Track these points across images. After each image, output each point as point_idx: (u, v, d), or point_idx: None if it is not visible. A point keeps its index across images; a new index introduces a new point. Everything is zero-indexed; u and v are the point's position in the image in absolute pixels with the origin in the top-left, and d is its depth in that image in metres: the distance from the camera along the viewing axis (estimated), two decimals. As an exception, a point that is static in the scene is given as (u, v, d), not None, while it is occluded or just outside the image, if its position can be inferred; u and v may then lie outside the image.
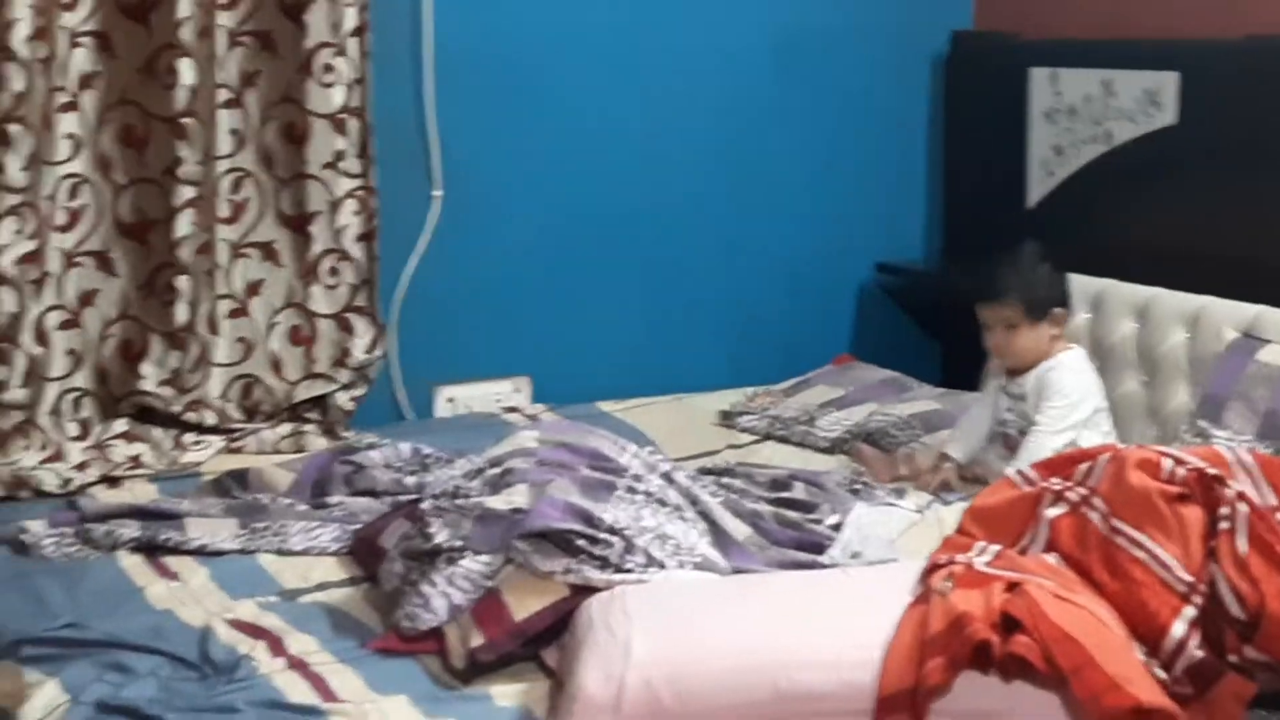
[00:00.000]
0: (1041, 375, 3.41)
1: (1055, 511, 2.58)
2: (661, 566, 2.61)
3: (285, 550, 3.03)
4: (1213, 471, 2.49)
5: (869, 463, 3.59)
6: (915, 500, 3.32)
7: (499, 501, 2.72)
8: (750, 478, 3.35)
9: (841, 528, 3.05)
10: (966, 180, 4.63)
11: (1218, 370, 3.49)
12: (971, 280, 3.53)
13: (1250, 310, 3.56)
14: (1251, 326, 3.52)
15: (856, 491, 3.32)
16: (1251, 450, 2.62)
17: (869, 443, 3.73)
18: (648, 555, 2.61)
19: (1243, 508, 2.42)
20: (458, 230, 4.06)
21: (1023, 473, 2.78)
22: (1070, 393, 3.38)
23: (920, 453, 3.61)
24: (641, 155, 4.30)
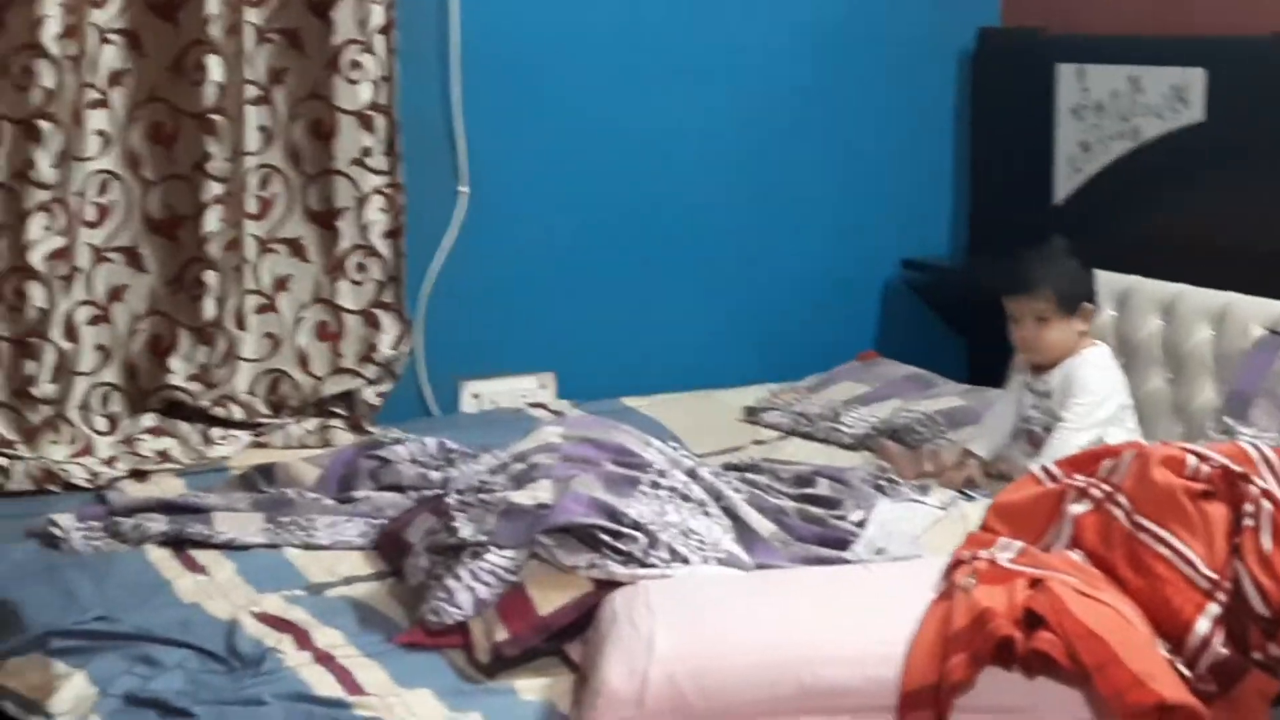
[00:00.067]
0: (1068, 372, 3.39)
1: (1079, 508, 2.57)
2: (685, 562, 2.62)
3: (312, 544, 3.04)
4: (1237, 468, 2.47)
5: (893, 459, 3.58)
6: (940, 496, 3.30)
7: (523, 496, 2.73)
8: (775, 474, 3.35)
9: (866, 524, 3.05)
10: (993, 177, 4.62)
11: (1244, 367, 3.48)
12: (1002, 273, 3.50)
13: (1277, 307, 3.54)
14: (1278, 323, 3.51)
15: (881, 488, 3.31)
16: (1276, 447, 2.60)
17: (894, 439, 3.73)
18: (671, 550, 2.61)
19: (1267, 505, 2.41)
20: (483, 226, 4.07)
21: (1047, 469, 2.77)
22: (1096, 389, 3.37)
23: (945, 449, 3.61)
24: (667, 151, 4.30)
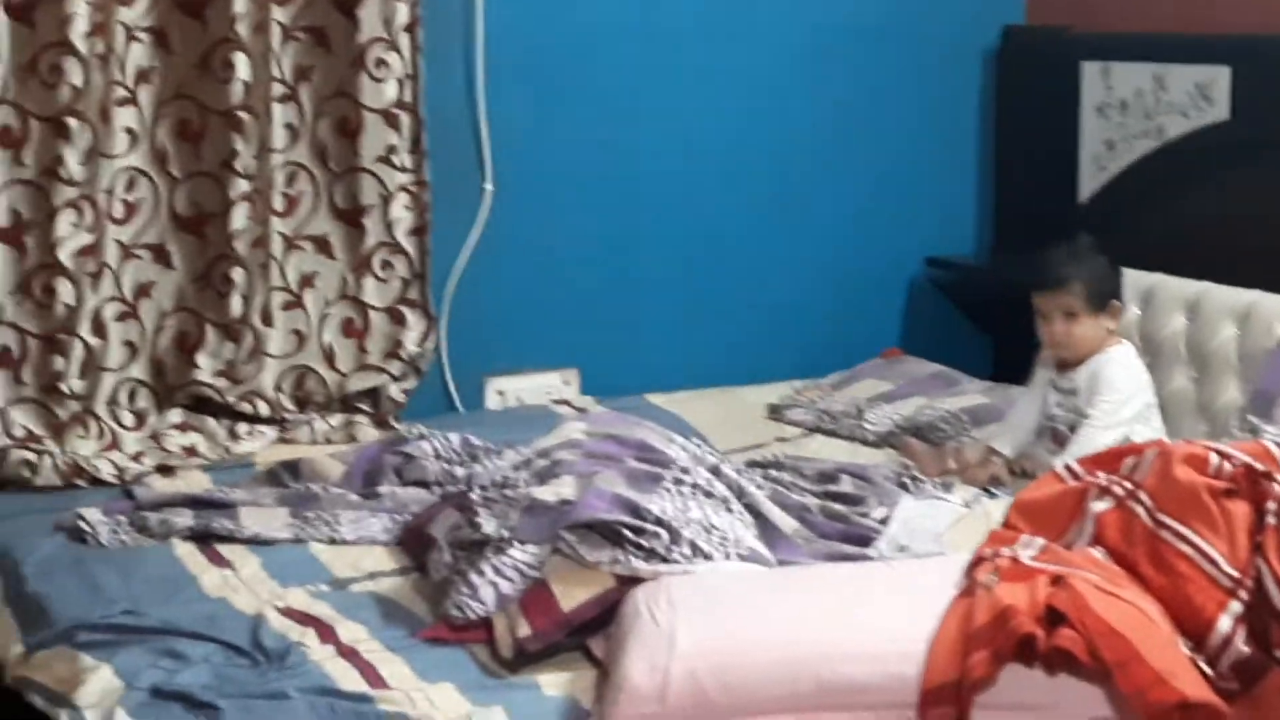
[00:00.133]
0: (1094, 369, 3.38)
1: (1101, 506, 2.57)
2: (708, 558, 2.62)
3: (336, 539, 3.06)
4: (1260, 467, 2.47)
5: (917, 457, 3.57)
6: (963, 494, 3.30)
7: (547, 492, 2.73)
8: (798, 471, 3.35)
9: (888, 521, 3.05)
10: (1018, 175, 4.61)
11: (1268, 366, 3.47)
12: (1031, 269, 3.46)
13: (1302, 306, 3.54)
14: (1302, 321, 3.51)
15: (904, 485, 3.30)
16: (1300, 446, 2.60)
17: (917, 436, 3.72)
18: (694, 547, 2.62)
19: (1290, 503, 2.42)
20: (508, 223, 4.08)
21: (1069, 467, 2.78)
22: (1123, 387, 3.36)
23: (968, 447, 3.60)
24: (691, 149, 4.30)
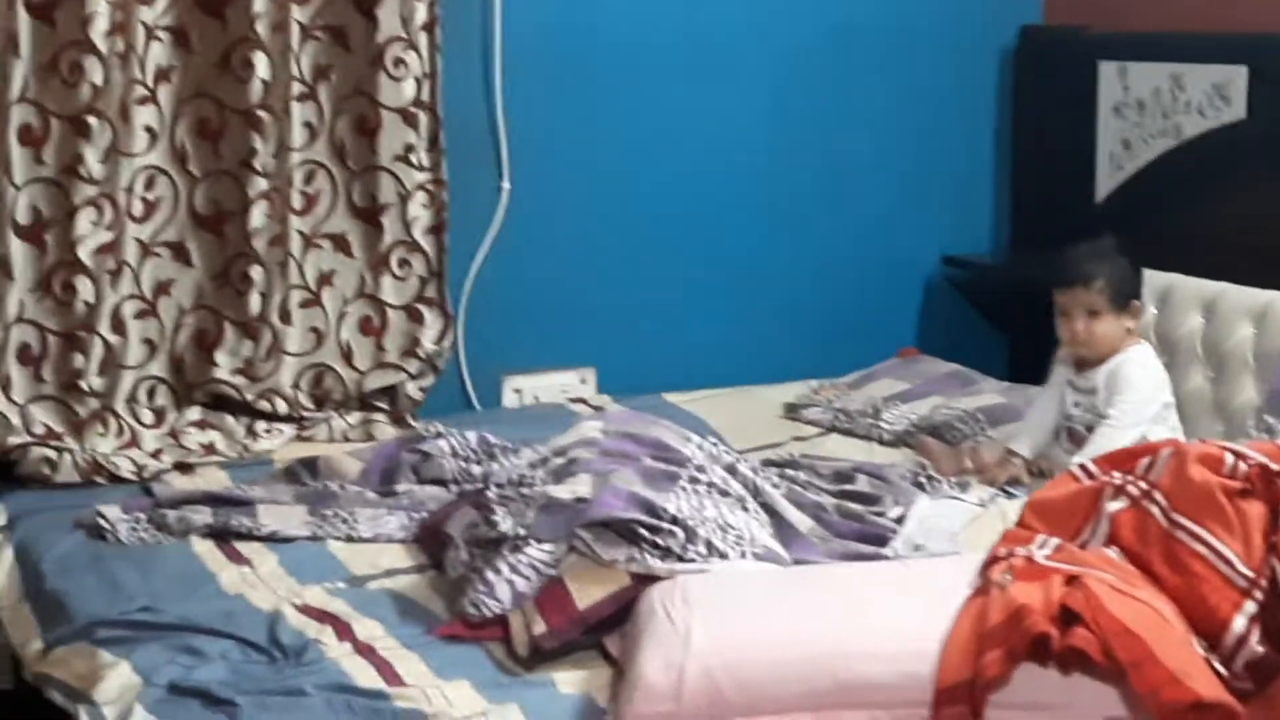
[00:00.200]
0: (1112, 369, 3.37)
1: (1116, 505, 2.57)
2: (723, 557, 2.62)
3: (354, 537, 3.06)
4: (1275, 467, 2.47)
5: (933, 456, 3.57)
6: (979, 494, 3.30)
7: (563, 491, 2.74)
8: (814, 470, 3.35)
9: (904, 520, 3.05)
10: (1035, 174, 4.61)
11: (1285, 366, 3.48)
12: (1054, 266, 3.44)
13: (1319, 306, 3.54)
14: (1320, 322, 3.51)
15: (920, 485, 3.30)
16: (1317, 447, 2.60)
17: (934, 436, 3.72)
18: (709, 545, 2.62)
19: (1305, 504, 2.42)
20: (526, 222, 4.09)
21: (1084, 466, 2.77)
22: (1141, 387, 3.35)
23: (985, 447, 3.59)
24: (708, 147, 4.31)
